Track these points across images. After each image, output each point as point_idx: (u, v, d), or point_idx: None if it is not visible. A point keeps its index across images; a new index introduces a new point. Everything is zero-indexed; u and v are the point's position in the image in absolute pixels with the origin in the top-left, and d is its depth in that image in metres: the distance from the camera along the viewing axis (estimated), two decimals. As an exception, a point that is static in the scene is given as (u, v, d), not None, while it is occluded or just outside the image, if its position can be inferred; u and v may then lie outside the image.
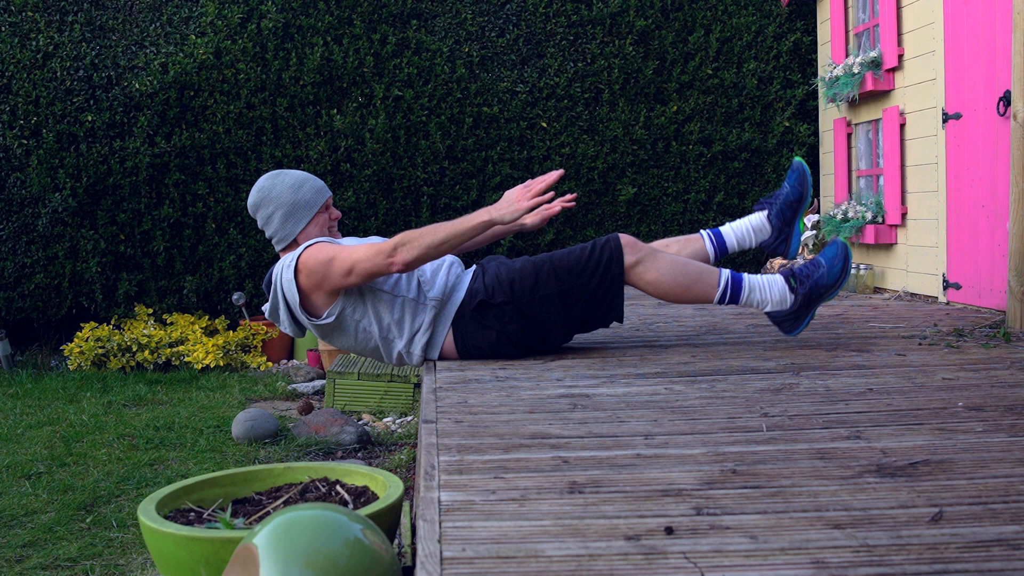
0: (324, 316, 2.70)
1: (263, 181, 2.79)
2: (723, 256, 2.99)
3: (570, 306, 2.74)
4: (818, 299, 2.78)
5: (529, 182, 2.62)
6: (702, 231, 3.01)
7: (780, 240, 2.97)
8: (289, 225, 2.75)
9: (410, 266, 2.60)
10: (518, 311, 2.71)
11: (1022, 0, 3.09)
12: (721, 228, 3.00)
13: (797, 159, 2.97)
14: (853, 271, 4.75)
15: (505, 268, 2.78)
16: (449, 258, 2.85)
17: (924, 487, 1.49)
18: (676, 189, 5.67)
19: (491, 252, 5.47)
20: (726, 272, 2.77)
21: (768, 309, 2.81)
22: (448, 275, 2.78)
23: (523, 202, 2.58)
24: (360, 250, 2.60)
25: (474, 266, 2.91)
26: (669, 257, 2.76)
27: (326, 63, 5.43)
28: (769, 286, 2.78)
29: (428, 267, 2.78)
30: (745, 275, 2.79)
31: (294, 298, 2.66)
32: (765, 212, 2.97)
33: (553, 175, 2.57)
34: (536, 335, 2.78)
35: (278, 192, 2.74)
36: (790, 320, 2.84)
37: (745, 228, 2.98)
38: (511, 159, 5.60)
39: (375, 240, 2.73)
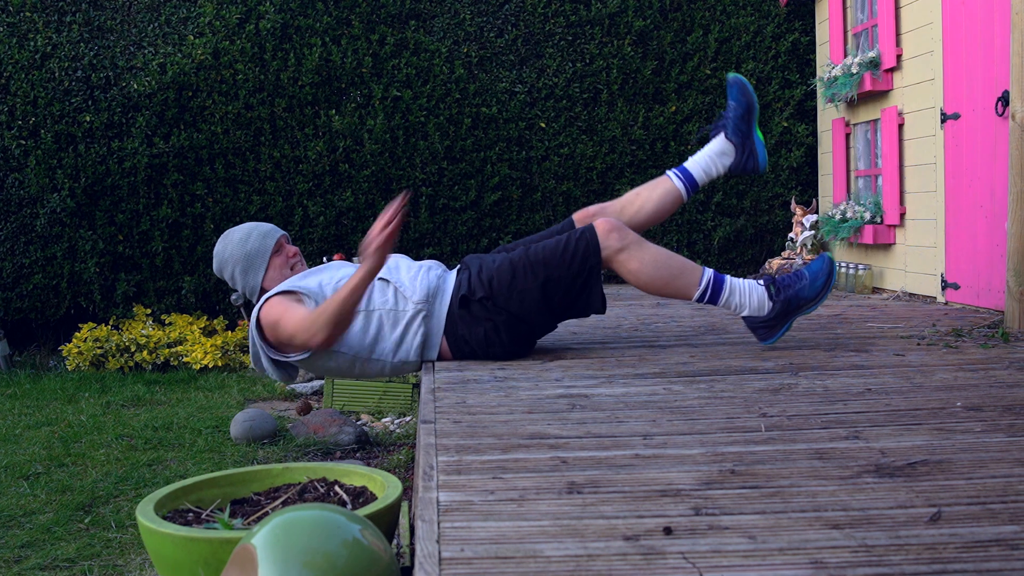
0: (300, 353, 2.69)
1: (217, 245, 2.86)
2: (695, 191, 2.96)
3: (549, 298, 2.72)
4: (796, 311, 2.78)
5: (380, 216, 2.53)
6: (668, 171, 2.96)
7: (746, 155, 2.91)
8: (250, 277, 2.80)
9: (328, 342, 2.58)
10: (499, 307, 2.71)
11: (1021, 1, 3.10)
12: (686, 163, 2.94)
13: (730, 74, 2.92)
14: (852, 271, 4.75)
15: (485, 264, 2.78)
16: (427, 262, 2.86)
17: (922, 487, 1.49)
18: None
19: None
20: (709, 271, 2.77)
21: (745, 313, 2.80)
22: (428, 277, 2.77)
23: (372, 241, 2.48)
24: (296, 319, 2.58)
25: (458, 265, 2.91)
26: (654, 249, 2.77)
27: (324, 63, 5.43)
28: (749, 291, 2.77)
29: (404, 276, 2.76)
30: (727, 277, 2.78)
31: (265, 347, 2.69)
32: (722, 134, 2.92)
33: (398, 202, 2.48)
34: (521, 330, 2.77)
35: (230, 251, 2.80)
36: (765, 328, 2.82)
37: (708, 156, 2.92)
38: (510, 159, 5.60)
39: (329, 277, 2.73)
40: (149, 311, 5.47)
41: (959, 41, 3.89)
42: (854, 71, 4.65)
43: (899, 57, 4.43)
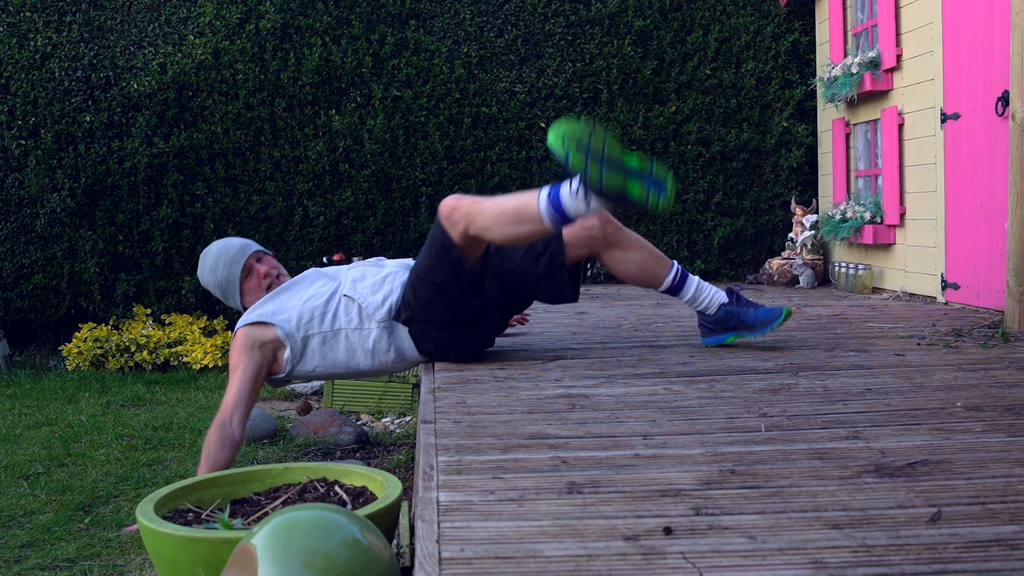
0: (282, 372, 2.69)
1: (198, 271, 2.90)
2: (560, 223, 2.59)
3: (454, 301, 2.62)
4: (733, 328, 2.84)
5: None
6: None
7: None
8: (232, 300, 2.86)
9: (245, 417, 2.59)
10: (429, 320, 2.66)
11: (1020, 1, 3.10)
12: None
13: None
14: (852, 271, 4.75)
15: (408, 277, 2.74)
16: (393, 267, 2.82)
17: (922, 487, 1.49)
18: (675, 189, 5.66)
19: None
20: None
21: (683, 294, 2.82)
22: (392, 289, 2.73)
23: None
24: (248, 372, 2.59)
25: None
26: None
27: (324, 63, 5.43)
28: (704, 287, 2.83)
29: (368, 292, 2.72)
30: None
31: None
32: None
33: None
34: (465, 331, 2.71)
35: (207, 279, 2.85)
36: (708, 327, 2.89)
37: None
38: (509, 159, 5.60)
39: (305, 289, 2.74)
40: (149, 311, 5.47)
41: (959, 41, 3.89)
42: (854, 71, 4.65)
43: (899, 57, 4.43)
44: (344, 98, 5.51)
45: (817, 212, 5.44)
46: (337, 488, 1.95)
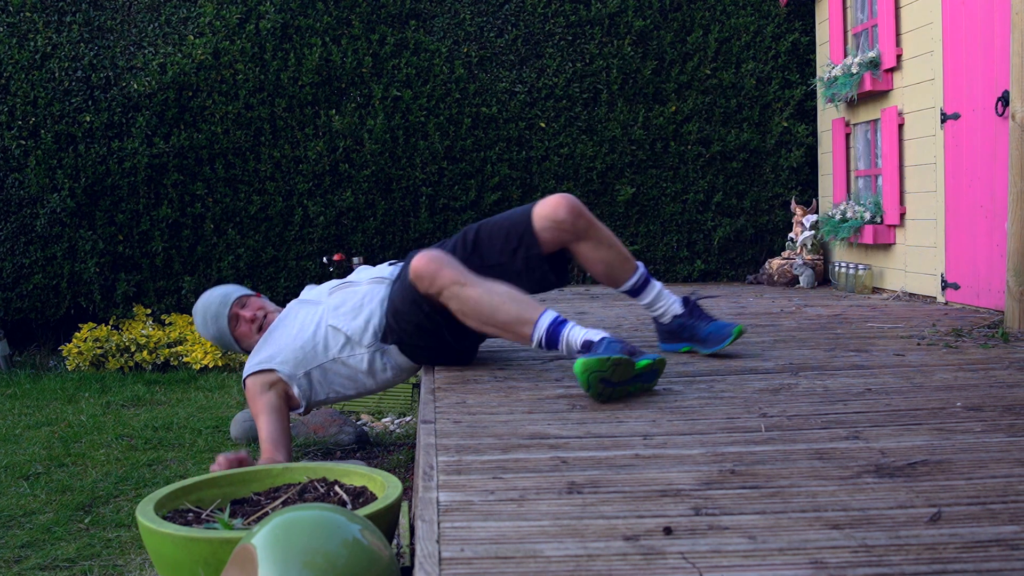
0: (300, 408, 2.75)
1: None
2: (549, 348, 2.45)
3: (434, 333, 2.64)
4: (686, 339, 2.82)
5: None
6: (544, 317, 2.42)
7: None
8: (233, 350, 2.97)
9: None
10: (415, 343, 2.67)
11: (1021, 1, 3.10)
12: (569, 324, 2.42)
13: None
14: (852, 271, 4.75)
15: (386, 305, 2.74)
16: (370, 284, 2.81)
17: (922, 487, 1.49)
18: (675, 189, 5.67)
19: None
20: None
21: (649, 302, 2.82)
22: (371, 310, 2.73)
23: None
24: (270, 414, 2.63)
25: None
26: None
27: (324, 63, 5.43)
28: (664, 295, 2.82)
29: (349, 318, 2.73)
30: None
31: None
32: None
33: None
34: (456, 344, 2.71)
35: (203, 335, 2.95)
36: (664, 334, 2.89)
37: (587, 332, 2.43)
38: (510, 159, 5.60)
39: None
40: (149, 311, 5.47)
41: (959, 41, 3.89)
42: (854, 71, 4.65)
43: (899, 57, 4.43)
44: (344, 98, 5.51)
45: (817, 212, 5.44)
46: (337, 488, 1.95)
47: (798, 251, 5.34)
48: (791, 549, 1.25)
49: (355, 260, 5.38)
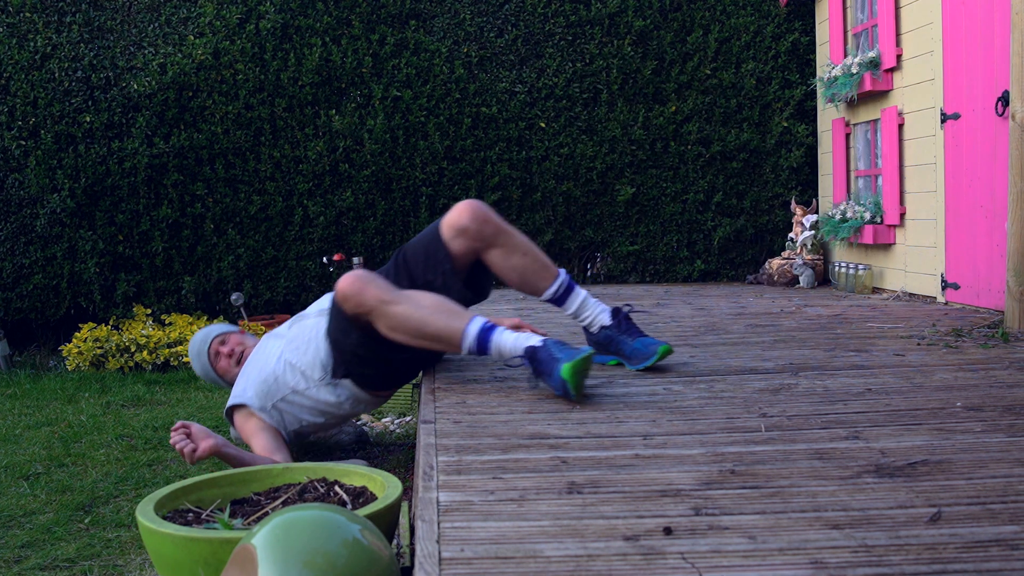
0: (285, 436, 2.82)
1: None
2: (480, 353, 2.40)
3: (377, 359, 2.64)
4: (611, 352, 2.69)
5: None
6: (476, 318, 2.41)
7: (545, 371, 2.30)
8: (222, 386, 3.23)
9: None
10: (359, 374, 2.70)
11: (1021, 1, 3.10)
12: (496, 328, 2.36)
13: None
14: (852, 271, 4.75)
15: (328, 341, 2.75)
16: (309, 323, 2.82)
17: (922, 487, 1.49)
18: (675, 189, 5.67)
19: None
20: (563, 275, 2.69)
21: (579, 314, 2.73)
22: (318, 343, 2.75)
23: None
24: (254, 439, 2.76)
25: None
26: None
27: (324, 63, 5.43)
28: (590, 304, 2.71)
29: (300, 353, 2.76)
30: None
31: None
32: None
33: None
34: (402, 367, 2.72)
35: (199, 375, 3.25)
36: (592, 343, 2.73)
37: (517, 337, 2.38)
38: (510, 159, 5.60)
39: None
40: (149, 311, 5.47)
41: (959, 41, 3.89)
42: (854, 71, 4.65)
43: (899, 57, 4.43)
44: (344, 98, 5.51)
45: (817, 212, 5.44)
46: (337, 488, 1.95)
47: (798, 251, 5.34)
48: (791, 549, 1.25)
49: (355, 260, 5.38)
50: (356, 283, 2.41)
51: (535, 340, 2.27)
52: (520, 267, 2.64)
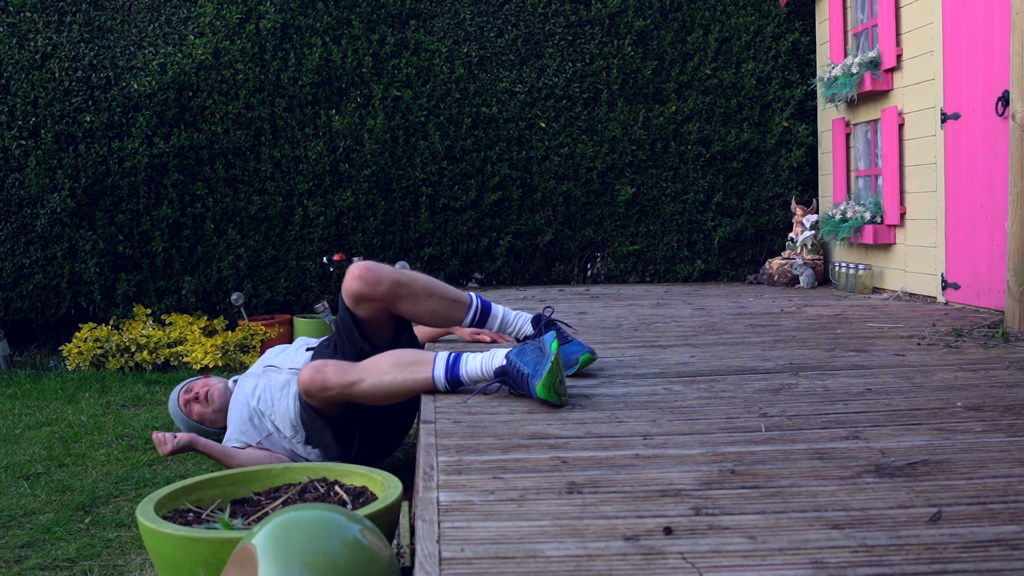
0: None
1: None
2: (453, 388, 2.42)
3: (348, 439, 2.72)
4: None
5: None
6: (439, 353, 2.44)
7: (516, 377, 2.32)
8: (205, 431, 3.34)
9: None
10: (323, 437, 2.73)
11: (1021, 0, 3.10)
12: (462, 359, 2.40)
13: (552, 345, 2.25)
14: (852, 271, 4.75)
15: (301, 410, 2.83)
16: (283, 379, 2.88)
17: (923, 487, 1.49)
18: (675, 189, 5.67)
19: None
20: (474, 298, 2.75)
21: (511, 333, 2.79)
22: (288, 400, 2.83)
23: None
24: (259, 453, 2.89)
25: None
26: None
27: (324, 63, 5.42)
28: (509, 320, 2.77)
29: (270, 406, 2.84)
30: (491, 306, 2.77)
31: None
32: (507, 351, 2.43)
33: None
34: (374, 430, 2.75)
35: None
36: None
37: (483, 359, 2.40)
38: (510, 159, 5.60)
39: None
40: (149, 311, 5.47)
41: (959, 41, 3.89)
42: (854, 71, 4.65)
43: (899, 57, 4.43)
44: (344, 98, 5.51)
45: (817, 212, 5.44)
46: (337, 488, 1.95)
47: (798, 251, 5.34)
48: (791, 549, 1.25)
49: (355, 260, 5.37)
50: (316, 375, 2.49)
51: (500, 358, 2.29)
52: (431, 310, 2.68)
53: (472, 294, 2.74)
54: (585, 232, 5.69)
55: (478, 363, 2.32)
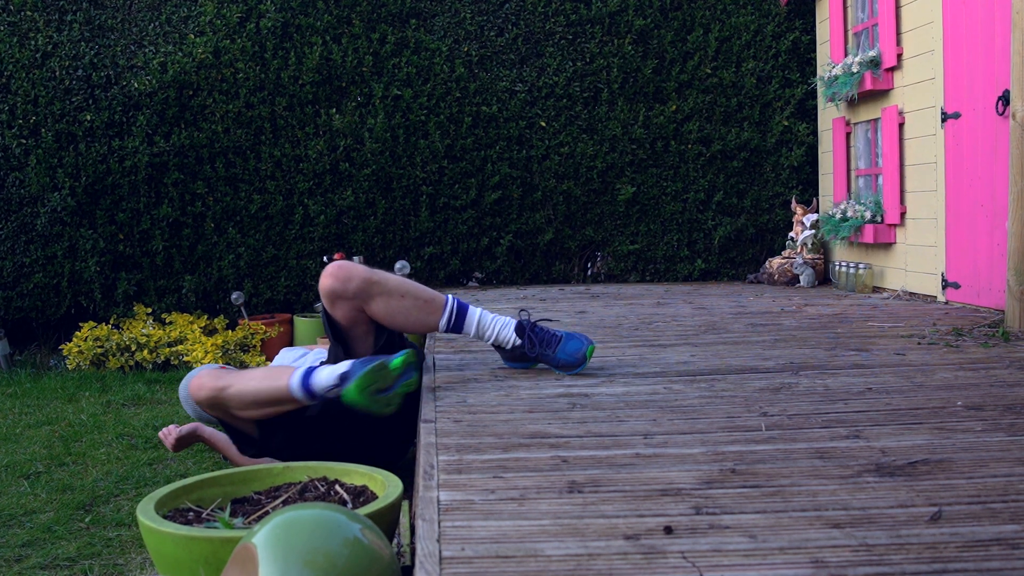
0: None
1: None
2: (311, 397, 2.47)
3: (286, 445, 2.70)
4: (532, 360, 2.66)
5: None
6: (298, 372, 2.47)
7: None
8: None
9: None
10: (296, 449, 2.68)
11: (1021, 0, 3.10)
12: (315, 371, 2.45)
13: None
14: (852, 270, 4.75)
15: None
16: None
17: (923, 486, 1.49)
18: (675, 188, 5.67)
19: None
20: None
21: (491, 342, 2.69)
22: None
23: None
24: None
25: None
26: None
27: (325, 62, 5.42)
28: (487, 324, 2.65)
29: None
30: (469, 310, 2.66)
31: None
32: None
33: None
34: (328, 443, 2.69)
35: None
36: (506, 356, 2.71)
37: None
38: (510, 158, 5.60)
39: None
40: (150, 310, 5.47)
41: (960, 40, 3.89)
42: (855, 70, 4.65)
43: (900, 56, 4.43)
44: (345, 97, 5.50)
45: (817, 211, 5.44)
46: (338, 487, 1.95)
47: (798, 250, 5.34)
48: (792, 548, 1.25)
49: (355, 259, 5.38)
50: (204, 381, 2.55)
51: (344, 366, 2.37)
52: (404, 309, 2.60)
53: (450, 296, 2.66)
54: (585, 231, 5.69)
55: (327, 372, 2.40)
